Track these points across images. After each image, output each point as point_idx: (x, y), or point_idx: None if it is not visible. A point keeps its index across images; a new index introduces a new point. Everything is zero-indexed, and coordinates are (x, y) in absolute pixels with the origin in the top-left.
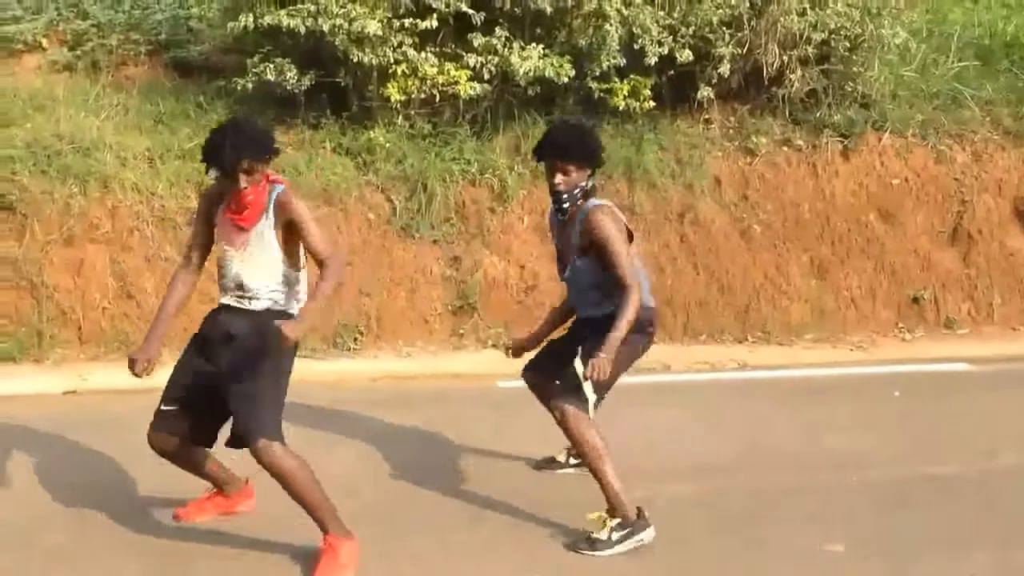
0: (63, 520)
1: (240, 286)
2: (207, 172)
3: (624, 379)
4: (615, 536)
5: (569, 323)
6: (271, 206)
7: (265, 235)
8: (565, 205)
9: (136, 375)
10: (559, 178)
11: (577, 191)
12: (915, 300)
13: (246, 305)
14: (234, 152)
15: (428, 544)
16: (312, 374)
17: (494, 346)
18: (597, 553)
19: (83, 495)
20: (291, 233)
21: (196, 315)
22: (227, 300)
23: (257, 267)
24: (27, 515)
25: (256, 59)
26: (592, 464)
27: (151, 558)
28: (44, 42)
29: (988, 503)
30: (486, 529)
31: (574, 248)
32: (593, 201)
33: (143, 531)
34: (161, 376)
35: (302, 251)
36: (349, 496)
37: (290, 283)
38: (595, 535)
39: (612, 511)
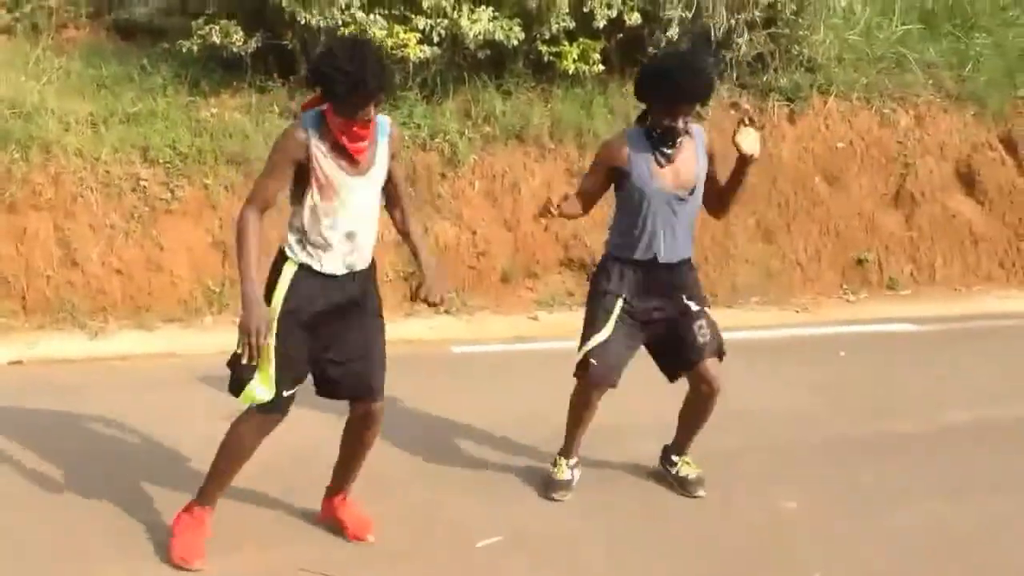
0: (10, 487)
1: (350, 235)
2: (315, 91)
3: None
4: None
5: (637, 275)
6: (385, 138)
7: (376, 175)
8: (679, 139)
9: (256, 350)
10: (684, 120)
11: None
12: (859, 262)
13: (357, 257)
14: (377, 85)
15: (383, 507)
16: None
17: (447, 312)
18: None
19: (33, 463)
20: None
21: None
22: (333, 257)
23: (370, 210)
24: None
25: (201, 21)
26: None
27: (112, 529)
28: None
29: (937, 457)
30: (443, 492)
31: (691, 177)
32: (693, 125)
33: (103, 498)
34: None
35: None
36: (310, 461)
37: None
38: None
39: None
